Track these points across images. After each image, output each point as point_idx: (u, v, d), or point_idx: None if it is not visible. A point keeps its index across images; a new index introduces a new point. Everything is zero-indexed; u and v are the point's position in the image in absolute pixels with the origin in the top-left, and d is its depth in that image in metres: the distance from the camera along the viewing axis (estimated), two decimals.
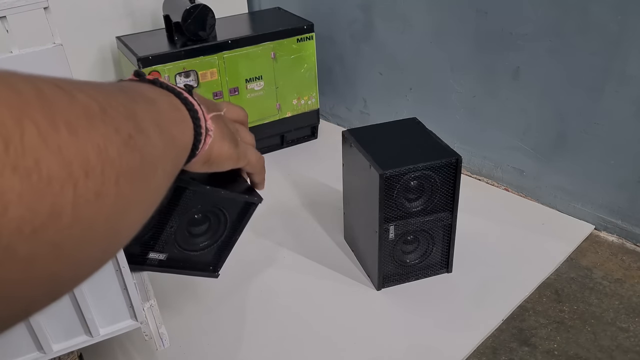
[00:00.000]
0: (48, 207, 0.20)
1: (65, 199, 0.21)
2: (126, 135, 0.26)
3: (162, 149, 0.31)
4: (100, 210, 0.23)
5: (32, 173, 0.20)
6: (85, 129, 0.23)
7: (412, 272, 0.76)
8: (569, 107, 0.84)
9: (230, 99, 1.02)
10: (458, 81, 0.98)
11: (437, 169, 0.69)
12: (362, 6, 1.07)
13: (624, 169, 0.81)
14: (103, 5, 1.05)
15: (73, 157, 0.22)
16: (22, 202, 0.19)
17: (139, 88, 0.36)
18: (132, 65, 0.95)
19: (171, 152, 0.34)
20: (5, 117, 0.20)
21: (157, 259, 0.63)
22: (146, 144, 0.28)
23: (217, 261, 0.67)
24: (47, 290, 0.23)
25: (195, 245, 0.66)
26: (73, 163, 0.22)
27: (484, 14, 0.89)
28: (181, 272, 0.65)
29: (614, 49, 0.76)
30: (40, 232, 0.20)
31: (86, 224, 0.23)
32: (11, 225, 0.19)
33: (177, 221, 0.62)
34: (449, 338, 0.68)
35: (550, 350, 0.66)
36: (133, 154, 0.26)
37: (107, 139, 0.24)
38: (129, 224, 0.27)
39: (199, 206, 0.63)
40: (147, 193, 0.29)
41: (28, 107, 0.21)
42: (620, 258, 0.81)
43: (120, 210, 0.25)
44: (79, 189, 0.22)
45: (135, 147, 0.27)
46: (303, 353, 0.67)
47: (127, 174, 0.26)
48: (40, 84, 0.23)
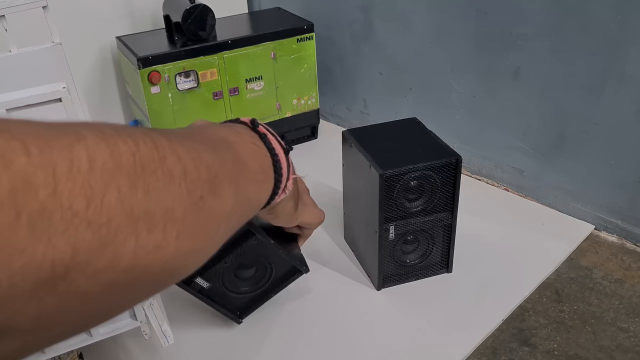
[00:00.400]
0: (110, 255, 0.23)
1: (126, 248, 0.24)
2: (197, 197, 0.28)
3: (231, 207, 0.32)
4: (157, 259, 0.26)
5: (103, 227, 0.22)
6: (159, 191, 0.26)
7: (412, 272, 0.76)
8: (569, 107, 0.84)
9: (230, 99, 1.02)
10: (458, 81, 0.97)
11: (437, 169, 0.69)
12: (362, 6, 1.07)
13: (624, 169, 0.81)
14: (103, 5, 1.05)
15: (141, 215, 0.24)
16: (89, 250, 0.22)
17: (238, 145, 0.38)
18: (132, 65, 0.95)
19: (240, 211, 0.36)
20: (96, 180, 0.22)
21: (201, 286, 0.66)
22: (215, 204, 0.30)
23: (245, 309, 0.71)
24: (100, 316, 0.26)
25: (237, 287, 0.69)
26: (139, 221, 0.24)
27: (484, 13, 0.89)
28: (212, 305, 0.68)
29: (614, 49, 0.76)
30: (100, 273, 0.23)
31: (143, 270, 0.25)
32: (78, 267, 0.22)
33: (231, 259, 0.65)
34: (449, 338, 0.68)
35: (550, 350, 0.66)
36: (199, 213, 0.28)
37: (176, 201, 0.27)
38: (185, 270, 0.29)
39: (255, 254, 0.66)
40: (207, 246, 0.30)
41: (119, 171, 0.24)
42: (620, 258, 0.81)
43: (177, 260, 0.27)
44: (140, 241, 0.24)
45: (203, 208, 0.29)
46: (303, 353, 0.67)
47: (189, 230, 0.28)
48: (141, 142, 0.25)
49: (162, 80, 0.94)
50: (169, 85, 0.95)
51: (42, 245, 0.20)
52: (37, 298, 0.21)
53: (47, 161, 0.21)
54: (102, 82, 1.09)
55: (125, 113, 1.14)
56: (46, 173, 0.21)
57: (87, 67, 1.06)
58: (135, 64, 0.93)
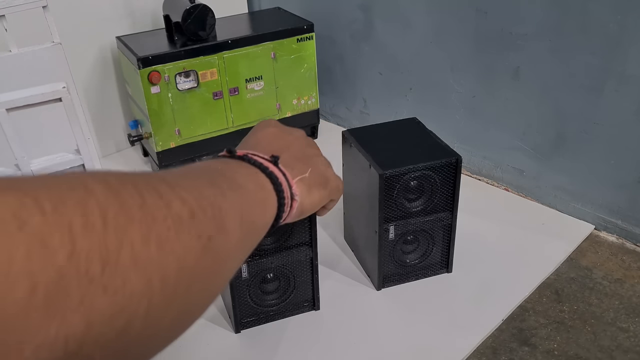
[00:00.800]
0: (123, 322, 0.22)
1: (139, 310, 0.22)
2: (206, 239, 0.28)
3: (238, 240, 0.32)
4: (168, 314, 0.25)
5: (118, 292, 0.21)
6: (171, 241, 0.25)
7: (412, 272, 0.76)
8: (569, 107, 0.84)
9: (230, 99, 1.02)
10: (458, 81, 0.97)
11: (438, 169, 0.69)
12: (362, 6, 1.07)
13: (624, 169, 0.81)
14: (103, 5, 1.05)
15: (154, 272, 0.23)
16: (103, 320, 0.21)
17: (229, 172, 0.38)
18: (132, 65, 0.95)
19: (248, 241, 0.36)
20: (110, 238, 0.21)
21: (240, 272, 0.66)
22: (223, 241, 0.30)
23: (248, 322, 0.71)
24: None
25: (259, 296, 0.70)
26: (153, 278, 0.23)
27: (483, 13, 0.89)
28: (233, 301, 0.68)
29: (614, 49, 0.76)
30: (113, 343, 0.22)
31: (154, 327, 0.24)
32: (91, 340, 0.20)
33: (274, 262, 0.68)
34: (449, 338, 0.68)
35: (550, 350, 0.66)
36: (207, 256, 0.28)
37: (187, 249, 0.26)
38: (194, 319, 0.29)
39: (292, 266, 0.69)
40: (216, 284, 0.30)
41: (131, 225, 0.22)
42: (620, 258, 0.81)
43: (188, 306, 0.27)
44: (153, 300, 0.23)
45: (212, 249, 0.28)
46: (303, 352, 0.67)
47: (199, 276, 0.27)
48: (145, 192, 0.25)
49: (162, 80, 0.94)
50: (169, 85, 0.95)
51: (56, 324, 0.19)
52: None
53: (63, 218, 0.20)
54: (102, 82, 1.09)
55: (125, 113, 1.14)
56: (62, 232, 0.19)
57: (87, 67, 1.06)
58: (135, 64, 0.93)
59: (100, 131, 1.12)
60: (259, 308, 0.70)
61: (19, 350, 0.18)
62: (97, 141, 1.12)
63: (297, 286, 0.70)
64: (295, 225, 0.65)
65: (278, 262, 0.67)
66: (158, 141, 0.98)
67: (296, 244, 0.68)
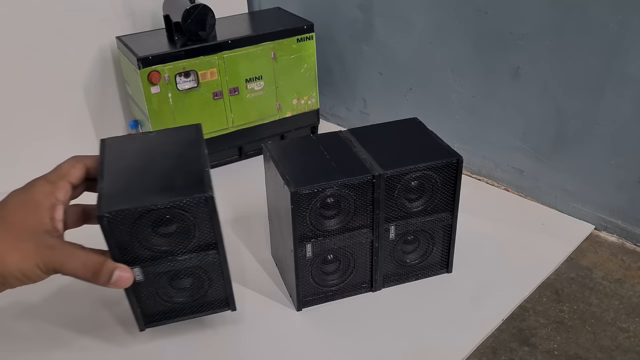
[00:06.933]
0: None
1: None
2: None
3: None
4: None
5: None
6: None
7: (412, 272, 0.76)
8: (569, 107, 0.84)
9: (230, 99, 1.02)
10: (458, 81, 0.98)
11: (438, 169, 0.69)
12: (362, 6, 1.07)
13: (624, 169, 0.81)
14: (103, 5, 1.04)
15: None
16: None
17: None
18: (132, 65, 0.95)
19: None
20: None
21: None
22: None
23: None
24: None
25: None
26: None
27: (483, 13, 0.89)
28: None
29: (614, 49, 0.76)
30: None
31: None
32: None
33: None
34: (449, 338, 0.68)
35: (550, 350, 0.66)
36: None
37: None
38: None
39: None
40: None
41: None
42: (621, 258, 0.81)
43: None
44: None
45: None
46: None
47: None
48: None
49: (162, 80, 0.94)
50: (169, 85, 0.95)
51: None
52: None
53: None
54: (102, 82, 1.09)
55: (125, 113, 1.14)
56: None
57: (87, 67, 1.06)
58: (135, 64, 0.93)
59: (100, 131, 1.12)
60: (320, 287, 0.71)
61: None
62: (97, 141, 1.12)
63: (357, 267, 0.72)
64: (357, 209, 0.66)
65: (340, 243, 0.68)
66: None
67: (359, 226, 0.68)
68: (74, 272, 0.54)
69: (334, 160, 0.69)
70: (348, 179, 0.65)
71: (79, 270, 0.54)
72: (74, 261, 0.53)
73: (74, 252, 0.54)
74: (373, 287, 0.75)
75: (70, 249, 0.54)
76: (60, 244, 0.54)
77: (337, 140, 0.75)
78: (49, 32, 0.99)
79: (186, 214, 0.57)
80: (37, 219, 0.54)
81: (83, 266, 0.54)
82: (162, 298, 0.63)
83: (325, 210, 0.67)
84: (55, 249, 0.53)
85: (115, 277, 0.55)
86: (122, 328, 0.71)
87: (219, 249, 0.61)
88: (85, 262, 0.54)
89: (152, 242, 0.58)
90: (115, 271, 0.55)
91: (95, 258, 0.54)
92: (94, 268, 0.54)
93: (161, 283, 0.62)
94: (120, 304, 0.72)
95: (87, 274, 0.54)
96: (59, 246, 0.53)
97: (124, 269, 0.56)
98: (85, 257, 0.54)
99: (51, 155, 1.07)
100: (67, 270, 0.53)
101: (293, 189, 0.63)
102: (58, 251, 0.53)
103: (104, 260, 0.55)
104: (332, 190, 0.65)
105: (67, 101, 1.06)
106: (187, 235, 0.59)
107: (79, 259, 0.54)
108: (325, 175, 0.66)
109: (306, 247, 0.68)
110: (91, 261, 0.54)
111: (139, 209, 0.54)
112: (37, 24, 0.98)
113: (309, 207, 0.65)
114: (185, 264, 0.60)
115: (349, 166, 0.68)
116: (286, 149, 0.74)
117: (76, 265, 0.53)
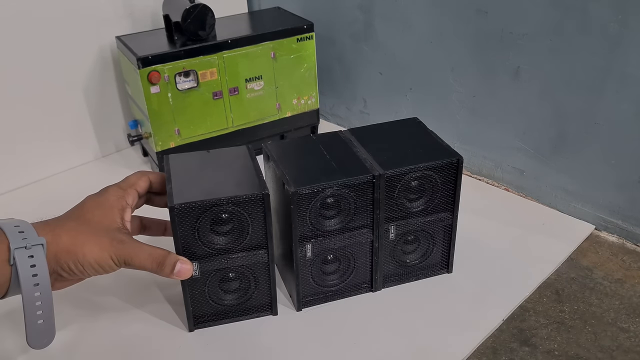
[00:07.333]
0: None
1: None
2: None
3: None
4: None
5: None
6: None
7: (412, 272, 0.76)
8: (569, 107, 0.84)
9: (230, 99, 1.02)
10: (458, 81, 0.97)
11: (439, 169, 0.69)
12: (362, 6, 1.07)
13: (624, 169, 0.81)
14: (103, 5, 1.04)
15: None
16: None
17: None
18: (132, 65, 0.95)
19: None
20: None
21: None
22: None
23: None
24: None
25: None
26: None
27: (484, 13, 0.89)
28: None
29: (614, 49, 0.76)
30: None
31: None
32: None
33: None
34: (449, 338, 0.68)
35: (550, 350, 0.66)
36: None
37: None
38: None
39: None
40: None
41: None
42: (621, 258, 0.81)
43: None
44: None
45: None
46: (302, 353, 0.67)
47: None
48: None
49: (162, 80, 0.94)
50: (169, 85, 0.95)
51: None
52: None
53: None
54: (102, 82, 1.09)
55: (125, 113, 1.14)
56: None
57: (87, 67, 1.06)
58: (135, 64, 0.92)
59: (100, 131, 1.12)
60: (320, 288, 0.72)
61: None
62: (96, 141, 1.12)
63: (357, 267, 0.72)
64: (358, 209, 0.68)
65: (340, 243, 0.69)
66: (158, 141, 0.98)
67: (359, 226, 0.69)
68: (141, 264, 0.60)
69: (334, 160, 0.69)
70: (348, 179, 0.65)
71: (146, 262, 0.60)
72: (142, 254, 0.60)
73: (141, 246, 0.61)
74: (373, 287, 0.75)
75: (138, 243, 0.61)
76: (130, 240, 0.61)
77: (337, 140, 0.75)
78: (49, 32, 0.99)
79: (242, 211, 0.62)
80: (110, 218, 0.61)
81: (149, 257, 0.60)
82: (211, 299, 0.68)
83: (325, 210, 0.67)
84: (126, 243, 0.60)
85: (178, 267, 0.61)
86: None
87: (268, 248, 0.66)
88: (151, 254, 0.60)
89: (210, 239, 0.64)
90: (177, 262, 0.61)
91: (159, 251, 0.61)
92: (158, 260, 0.60)
93: (212, 283, 0.67)
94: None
95: (153, 264, 0.60)
96: (128, 241, 0.60)
97: (185, 261, 0.62)
98: (151, 250, 0.61)
99: (51, 155, 1.08)
100: (136, 262, 0.60)
101: (293, 189, 0.63)
102: (128, 245, 0.60)
103: (167, 253, 0.61)
104: (332, 190, 0.65)
105: (67, 101, 1.06)
106: (241, 233, 0.64)
107: (146, 252, 0.60)
108: (325, 175, 0.66)
109: (306, 247, 0.68)
110: (156, 253, 0.61)
111: (205, 202, 0.61)
112: (37, 24, 0.98)
113: (309, 207, 0.65)
114: (236, 262, 0.66)
115: (349, 166, 0.68)
116: (286, 149, 0.74)
117: (143, 257, 0.60)
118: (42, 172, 1.07)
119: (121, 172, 0.75)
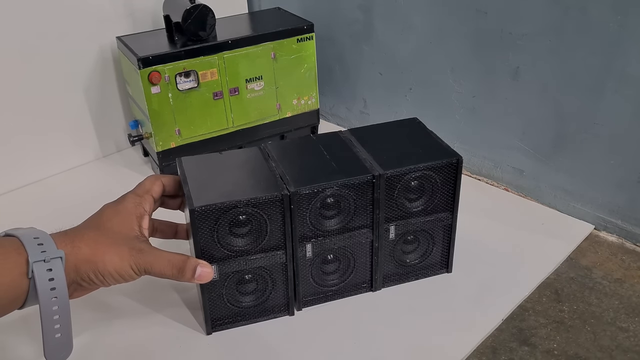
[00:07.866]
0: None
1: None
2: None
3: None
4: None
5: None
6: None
7: (412, 272, 0.76)
8: (569, 107, 0.84)
9: (230, 99, 1.02)
10: (458, 81, 0.98)
11: (438, 169, 0.69)
12: (362, 6, 1.07)
13: (624, 169, 0.81)
14: (103, 5, 1.05)
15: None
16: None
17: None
18: (133, 65, 0.95)
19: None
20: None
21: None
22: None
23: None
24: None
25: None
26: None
27: (483, 14, 0.89)
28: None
29: (614, 49, 0.76)
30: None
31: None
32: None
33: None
34: (449, 338, 0.68)
35: (550, 350, 0.66)
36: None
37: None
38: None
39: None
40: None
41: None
42: (620, 258, 0.81)
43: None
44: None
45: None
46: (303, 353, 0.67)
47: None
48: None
49: (162, 80, 0.94)
50: (169, 85, 0.95)
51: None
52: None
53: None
54: (102, 82, 1.09)
55: (125, 113, 1.14)
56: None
57: (87, 67, 1.06)
58: (136, 64, 0.93)
59: (100, 131, 1.12)
60: (320, 287, 0.72)
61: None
62: (97, 141, 1.12)
63: (357, 267, 0.72)
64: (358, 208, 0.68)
65: (340, 243, 0.69)
66: (158, 141, 0.98)
67: (358, 226, 0.69)
68: (161, 271, 0.60)
69: (334, 160, 0.70)
70: (348, 179, 0.65)
71: (166, 268, 0.59)
72: (161, 261, 0.59)
73: (160, 254, 0.60)
74: (373, 287, 0.75)
75: (156, 250, 0.60)
76: (148, 247, 0.60)
77: (337, 140, 0.75)
78: (49, 32, 0.99)
79: (261, 213, 0.63)
80: (128, 226, 0.61)
81: (169, 264, 0.60)
82: (228, 301, 0.68)
83: (325, 210, 0.67)
84: (145, 252, 0.59)
85: (199, 272, 0.60)
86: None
87: (286, 249, 0.66)
88: (171, 260, 0.60)
89: (228, 241, 0.64)
90: (198, 266, 0.60)
91: (179, 257, 0.60)
92: (178, 265, 0.60)
93: (230, 285, 0.67)
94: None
95: (173, 271, 0.60)
96: (147, 249, 0.60)
97: (205, 265, 0.61)
98: (170, 256, 0.60)
99: (51, 155, 1.08)
100: (156, 270, 0.59)
101: (292, 189, 0.64)
102: (147, 253, 0.59)
103: (186, 258, 0.61)
104: (332, 191, 0.65)
105: (67, 101, 1.06)
106: (259, 234, 0.64)
107: (165, 258, 0.60)
108: (325, 175, 0.66)
109: (306, 247, 0.68)
110: (176, 259, 0.60)
111: (226, 204, 0.61)
112: (37, 24, 0.98)
113: (309, 207, 0.65)
114: (254, 263, 0.66)
115: (349, 166, 0.68)
116: (286, 149, 0.74)
117: (163, 264, 0.59)
118: (42, 172, 1.07)
119: (121, 172, 0.75)
